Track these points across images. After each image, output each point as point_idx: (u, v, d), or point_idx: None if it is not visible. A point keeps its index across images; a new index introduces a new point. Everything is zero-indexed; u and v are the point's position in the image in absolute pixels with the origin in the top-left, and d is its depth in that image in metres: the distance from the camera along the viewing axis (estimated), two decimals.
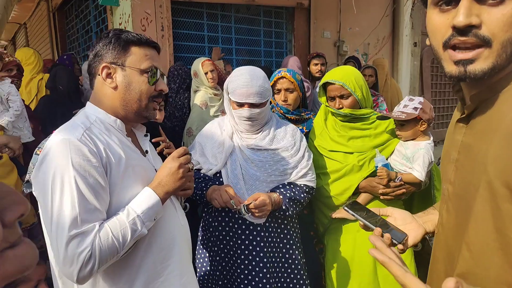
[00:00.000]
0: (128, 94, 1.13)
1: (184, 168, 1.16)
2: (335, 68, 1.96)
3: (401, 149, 1.84)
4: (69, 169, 0.97)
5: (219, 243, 1.66)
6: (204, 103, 2.94)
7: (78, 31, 5.65)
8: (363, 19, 5.29)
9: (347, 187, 1.83)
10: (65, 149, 0.99)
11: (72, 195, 0.97)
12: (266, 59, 4.68)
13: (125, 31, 1.16)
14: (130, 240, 1.04)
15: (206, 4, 4.08)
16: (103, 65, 1.11)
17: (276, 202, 1.58)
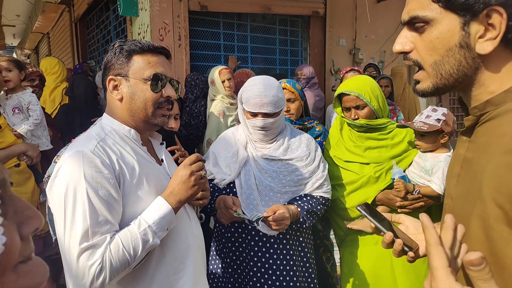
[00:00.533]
0: (133, 104, 1.13)
1: (196, 176, 1.15)
2: (350, 78, 1.94)
3: (419, 161, 1.80)
4: (81, 181, 0.99)
5: (231, 255, 1.65)
6: (221, 112, 2.97)
7: (99, 40, 5.81)
8: (379, 27, 5.25)
9: (363, 200, 1.80)
10: (78, 161, 1.00)
11: (84, 208, 0.98)
12: (281, 67, 4.70)
13: (129, 40, 1.16)
14: (141, 252, 1.03)
15: (223, 14, 4.15)
16: (109, 78, 1.13)
17: (294, 214, 1.56)
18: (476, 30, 0.67)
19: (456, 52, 0.69)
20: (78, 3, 6.18)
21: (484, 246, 0.68)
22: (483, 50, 0.67)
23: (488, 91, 0.71)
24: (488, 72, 0.70)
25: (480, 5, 0.65)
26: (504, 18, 0.65)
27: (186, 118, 3.14)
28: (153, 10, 3.64)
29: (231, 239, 1.66)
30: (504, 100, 0.69)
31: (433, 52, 0.71)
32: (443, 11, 0.69)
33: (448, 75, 0.71)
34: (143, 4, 3.76)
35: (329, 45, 4.82)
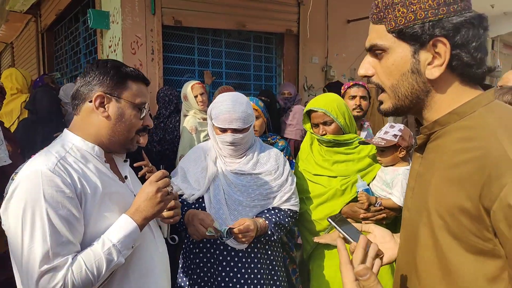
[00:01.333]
0: (118, 125, 1.14)
1: (163, 192, 1.14)
2: (319, 96, 2.02)
3: (381, 175, 1.89)
4: (40, 201, 0.96)
5: (199, 271, 1.63)
6: (193, 128, 2.94)
7: (67, 52, 5.64)
8: (349, 45, 5.44)
9: (329, 213, 1.84)
10: (36, 180, 0.97)
11: (44, 229, 0.95)
12: (256, 83, 4.74)
13: (123, 64, 1.19)
14: (105, 271, 1.01)
15: (197, 29, 4.15)
16: (98, 94, 1.11)
17: (262, 227, 1.57)
18: (425, 58, 0.75)
19: (409, 77, 0.77)
20: (45, 13, 5.99)
21: (433, 253, 0.74)
22: (431, 75, 0.75)
23: (437, 113, 0.78)
24: (437, 95, 0.77)
25: (426, 36, 0.73)
26: (448, 47, 0.72)
27: (160, 133, 3.08)
28: (125, 23, 3.59)
29: (199, 254, 1.64)
30: (449, 121, 0.76)
31: (390, 76, 0.79)
32: (397, 40, 0.76)
33: (404, 97, 0.79)
34: (114, 17, 3.70)
35: (302, 62, 4.94)
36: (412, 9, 0.72)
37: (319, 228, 1.88)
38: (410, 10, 0.72)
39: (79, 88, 1.15)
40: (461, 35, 0.71)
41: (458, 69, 0.74)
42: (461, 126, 0.74)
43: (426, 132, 0.80)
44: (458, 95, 0.76)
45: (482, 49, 0.73)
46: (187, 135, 2.93)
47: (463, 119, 0.74)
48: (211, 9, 4.04)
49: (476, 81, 0.77)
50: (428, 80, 0.75)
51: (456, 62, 0.73)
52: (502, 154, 0.64)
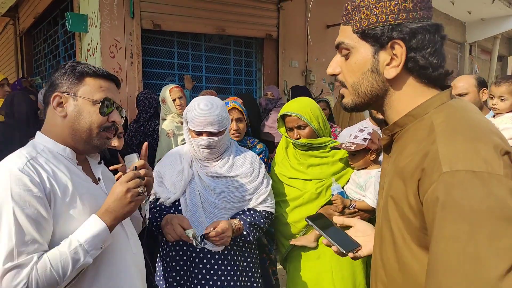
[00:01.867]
0: (77, 123, 1.14)
1: (133, 192, 1.13)
2: (292, 100, 2.04)
3: (354, 178, 1.92)
4: (7, 200, 0.97)
5: (175, 274, 1.64)
6: (171, 132, 2.95)
7: (46, 55, 5.57)
8: (329, 50, 5.55)
9: (304, 215, 1.83)
10: (4, 179, 0.98)
11: (10, 227, 0.96)
12: (236, 87, 4.78)
13: (83, 63, 1.19)
14: (71, 271, 1.01)
15: (177, 33, 4.17)
16: (54, 94, 1.14)
17: (237, 228, 1.59)
18: (384, 58, 0.80)
19: (369, 76, 0.82)
20: (24, 16, 5.91)
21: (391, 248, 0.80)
22: (389, 75, 0.80)
23: (397, 112, 0.84)
24: (396, 95, 0.83)
25: (385, 38, 0.78)
26: (404, 50, 0.78)
27: (140, 136, 3.08)
28: (103, 27, 3.58)
29: (175, 257, 1.64)
30: (406, 122, 0.81)
31: (352, 74, 0.84)
32: (360, 41, 0.82)
33: (363, 94, 0.84)
34: (93, 20, 3.69)
35: (282, 66, 5.01)
36: (375, 12, 0.78)
37: (294, 231, 1.90)
38: (373, 13, 0.78)
39: (45, 92, 1.18)
40: (417, 39, 0.77)
41: (414, 70, 0.79)
42: (416, 127, 0.79)
43: (388, 133, 0.86)
44: (415, 96, 0.80)
45: (438, 54, 0.79)
46: (165, 139, 2.94)
47: (417, 120, 0.79)
48: (190, 13, 4.07)
49: (434, 83, 0.81)
50: (386, 79, 0.81)
51: (412, 64, 0.78)
52: (435, 153, 0.69)
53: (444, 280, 0.64)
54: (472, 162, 0.65)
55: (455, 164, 0.65)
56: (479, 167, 0.64)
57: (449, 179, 0.65)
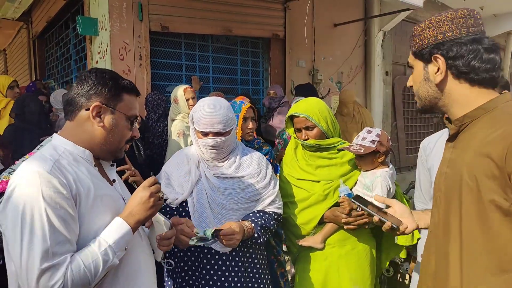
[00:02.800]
0: (111, 135, 1.20)
1: (155, 197, 1.19)
2: (301, 101, 2.03)
3: (361, 179, 1.90)
4: (39, 201, 0.99)
5: (183, 274, 1.66)
6: (181, 132, 2.98)
7: (58, 58, 5.68)
8: (336, 49, 5.53)
9: (312, 217, 1.87)
10: (35, 181, 1.00)
11: (43, 228, 0.98)
12: (243, 87, 4.81)
13: (120, 76, 1.24)
14: (101, 271, 1.05)
15: (184, 35, 4.22)
16: (95, 104, 1.16)
17: (249, 230, 1.59)
18: (432, 69, 1.06)
19: (424, 84, 1.09)
20: (36, 20, 6.04)
21: (475, 216, 0.95)
22: (436, 80, 1.06)
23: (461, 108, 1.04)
24: (453, 96, 1.05)
25: (428, 55, 1.06)
26: (443, 61, 1.03)
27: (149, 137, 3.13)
28: (113, 30, 3.65)
29: (183, 258, 1.66)
30: (476, 114, 1.01)
31: (415, 84, 1.13)
32: (415, 59, 1.11)
33: (423, 98, 1.11)
34: (103, 23, 3.76)
35: (289, 66, 5.01)
36: (421, 38, 1.07)
37: (303, 232, 1.90)
38: (419, 39, 1.07)
39: (75, 95, 1.18)
40: (453, 51, 1.01)
41: (460, 75, 1.02)
42: (488, 117, 0.99)
43: (458, 124, 1.05)
44: (472, 95, 1.02)
45: (480, 60, 0.99)
46: (175, 139, 2.97)
47: (488, 112, 0.99)
48: (197, 15, 4.11)
49: (485, 85, 1.02)
50: (436, 85, 1.05)
51: (454, 71, 1.02)
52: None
53: None
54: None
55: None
56: None
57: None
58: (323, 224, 1.89)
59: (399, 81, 6.39)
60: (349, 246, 1.89)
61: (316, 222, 1.86)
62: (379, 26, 5.86)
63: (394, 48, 6.29)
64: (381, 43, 5.97)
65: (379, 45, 5.95)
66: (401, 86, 6.40)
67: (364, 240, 1.92)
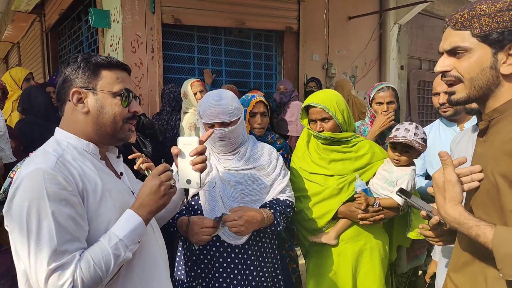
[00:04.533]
0: (101, 117, 1.12)
1: (166, 186, 1.13)
2: (318, 92, 1.99)
3: (384, 173, 1.85)
4: (44, 199, 0.95)
5: (196, 268, 1.65)
6: (192, 125, 2.96)
7: (71, 51, 5.70)
8: (351, 43, 5.43)
9: (326, 212, 1.83)
10: (38, 179, 0.96)
11: (50, 227, 0.95)
12: (256, 81, 4.76)
13: (94, 55, 1.16)
14: (114, 267, 1.01)
15: (197, 27, 4.17)
16: (73, 90, 1.10)
17: (269, 217, 1.58)
18: (501, 57, 0.96)
19: (487, 72, 0.97)
20: (49, 13, 6.07)
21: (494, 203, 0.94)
22: (506, 71, 0.96)
23: (499, 102, 0.98)
24: (503, 88, 0.97)
25: (506, 41, 0.94)
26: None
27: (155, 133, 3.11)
28: (125, 22, 3.62)
29: (196, 251, 1.65)
30: (506, 108, 0.97)
31: (471, 70, 0.98)
32: (479, 43, 0.97)
33: (479, 87, 0.99)
34: (115, 16, 3.74)
35: (303, 60, 4.94)
36: (496, 20, 0.94)
37: (316, 226, 1.87)
38: (494, 20, 0.94)
39: (59, 89, 1.13)
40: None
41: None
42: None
43: (487, 119, 1.00)
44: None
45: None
46: (187, 132, 2.96)
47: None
48: (210, 7, 4.06)
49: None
50: (502, 75, 0.96)
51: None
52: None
53: None
54: None
55: None
56: None
57: None
58: (336, 220, 1.87)
59: (415, 75, 6.26)
60: (362, 242, 1.87)
61: (330, 217, 1.83)
62: (394, 19, 5.73)
63: (409, 41, 6.15)
64: (397, 36, 5.84)
65: (394, 39, 5.83)
66: (416, 80, 6.27)
67: (378, 236, 1.90)
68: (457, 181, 0.95)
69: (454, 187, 0.95)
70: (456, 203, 0.94)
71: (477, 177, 0.97)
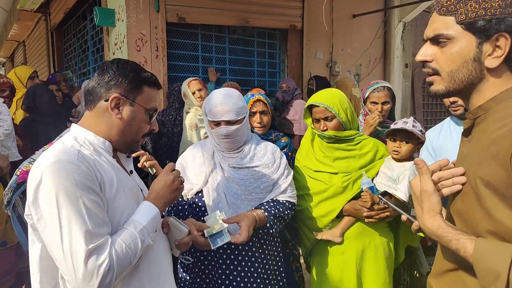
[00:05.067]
0: (129, 127, 1.19)
1: (178, 181, 1.25)
2: (321, 91, 1.99)
3: (386, 171, 1.86)
4: (73, 187, 1.00)
5: (200, 264, 1.66)
6: (193, 125, 2.97)
7: (75, 50, 5.74)
8: (355, 41, 5.41)
9: (330, 210, 1.84)
10: (64, 168, 1.01)
11: (81, 212, 0.99)
12: (259, 79, 4.76)
13: (142, 68, 1.23)
14: (140, 251, 1.08)
15: (201, 26, 4.18)
16: (114, 95, 1.15)
17: (261, 218, 1.58)
18: (487, 49, 0.86)
19: (470, 64, 0.87)
20: (54, 12, 6.10)
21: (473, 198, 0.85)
22: (491, 65, 0.86)
23: (483, 98, 0.88)
24: (488, 83, 0.88)
25: (493, 31, 0.84)
26: (509, 42, 0.83)
27: (169, 126, 3.13)
28: (130, 21, 3.64)
29: (197, 251, 1.66)
30: (490, 106, 0.87)
31: (452, 62, 0.89)
32: (464, 31, 0.86)
33: (460, 81, 0.89)
34: (120, 14, 3.76)
35: (307, 58, 4.93)
36: (483, 6, 0.83)
37: (320, 225, 1.87)
38: (481, 6, 0.83)
39: (95, 85, 1.17)
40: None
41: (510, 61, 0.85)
42: (499, 109, 0.85)
43: (471, 117, 0.91)
44: (505, 85, 0.86)
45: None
46: (188, 132, 2.97)
47: (502, 103, 0.84)
48: (214, 6, 4.07)
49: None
50: (486, 68, 0.86)
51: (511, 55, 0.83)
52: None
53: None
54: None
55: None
56: None
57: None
58: (339, 218, 1.87)
59: (419, 73, 6.23)
60: (366, 240, 1.86)
61: (335, 214, 1.83)
62: (399, 17, 5.70)
63: (414, 39, 6.11)
64: (401, 34, 5.81)
65: (399, 37, 5.80)
66: (421, 79, 6.24)
67: (382, 233, 1.89)
68: (433, 191, 0.87)
69: (430, 197, 0.87)
70: (434, 214, 0.86)
71: (459, 181, 0.89)
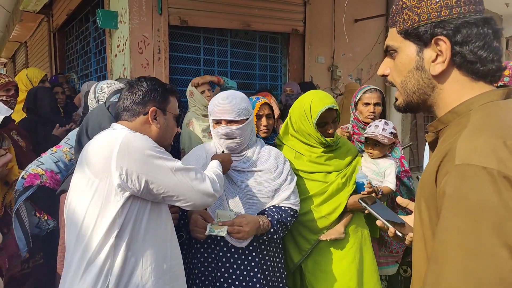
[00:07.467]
0: (165, 133, 1.42)
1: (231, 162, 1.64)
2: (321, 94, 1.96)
3: (370, 166, 2.05)
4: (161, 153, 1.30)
5: (200, 265, 1.67)
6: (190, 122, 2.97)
7: (78, 51, 5.74)
8: (356, 45, 5.42)
9: (336, 206, 1.86)
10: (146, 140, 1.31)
11: (177, 162, 1.33)
12: (261, 83, 4.77)
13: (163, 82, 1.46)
14: (221, 186, 1.42)
15: (203, 29, 4.19)
16: (152, 109, 1.37)
17: (265, 224, 1.59)
18: (429, 55, 0.81)
19: (414, 73, 0.83)
20: (57, 13, 6.12)
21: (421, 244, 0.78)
22: (434, 71, 0.80)
23: (443, 109, 0.82)
24: (443, 92, 0.82)
25: (428, 36, 0.79)
26: (449, 45, 0.78)
27: None
28: (132, 23, 3.65)
29: (200, 250, 1.67)
30: (449, 119, 0.81)
31: (399, 74, 0.86)
32: (404, 40, 0.84)
33: (411, 92, 0.85)
34: (122, 17, 3.77)
35: (308, 62, 4.94)
36: (416, 12, 0.80)
37: (325, 223, 1.87)
38: (415, 13, 0.80)
39: (132, 103, 1.36)
40: (462, 34, 0.76)
41: (462, 66, 0.78)
42: (456, 124, 0.77)
43: (433, 130, 0.86)
44: (463, 92, 0.79)
45: (489, 48, 0.76)
46: (185, 129, 2.98)
47: (460, 117, 0.77)
48: (217, 9, 4.08)
49: (485, 79, 0.79)
50: (432, 76, 0.81)
51: (459, 59, 0.77)
52: (453, 148, 0.68)
53: (442, 271, 0.62)
54: (486, 159, 0.62)
55: (469, 159, 0.64)
56: (492, 164, 0.62)
57: (459, 172, 0.64)
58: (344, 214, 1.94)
59: None
60: (359, 233, 1.95)
61: (341, 209, 1.87)
62: None
63: None
64: None
65: None
66: None
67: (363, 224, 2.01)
68: None
69: None
70: None
71: None
